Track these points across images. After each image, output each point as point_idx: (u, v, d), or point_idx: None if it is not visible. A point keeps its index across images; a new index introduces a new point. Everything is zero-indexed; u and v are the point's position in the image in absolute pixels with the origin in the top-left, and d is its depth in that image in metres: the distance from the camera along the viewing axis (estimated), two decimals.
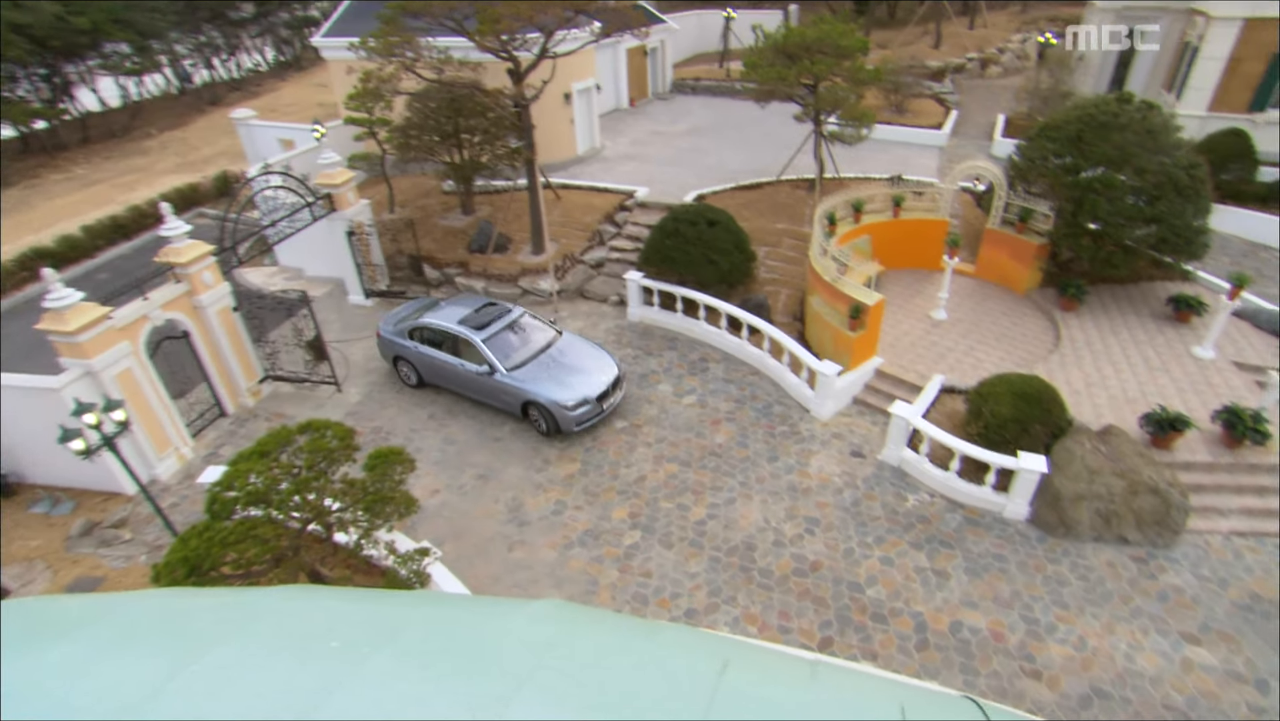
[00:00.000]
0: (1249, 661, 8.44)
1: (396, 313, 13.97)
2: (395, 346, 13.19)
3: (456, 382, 12.71)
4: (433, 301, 14.19)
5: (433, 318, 12.82)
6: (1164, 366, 12.62)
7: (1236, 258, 17.32)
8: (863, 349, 12.40)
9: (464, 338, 12.33)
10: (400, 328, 13.22)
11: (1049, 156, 14.49)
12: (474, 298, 13.69)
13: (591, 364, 12.33)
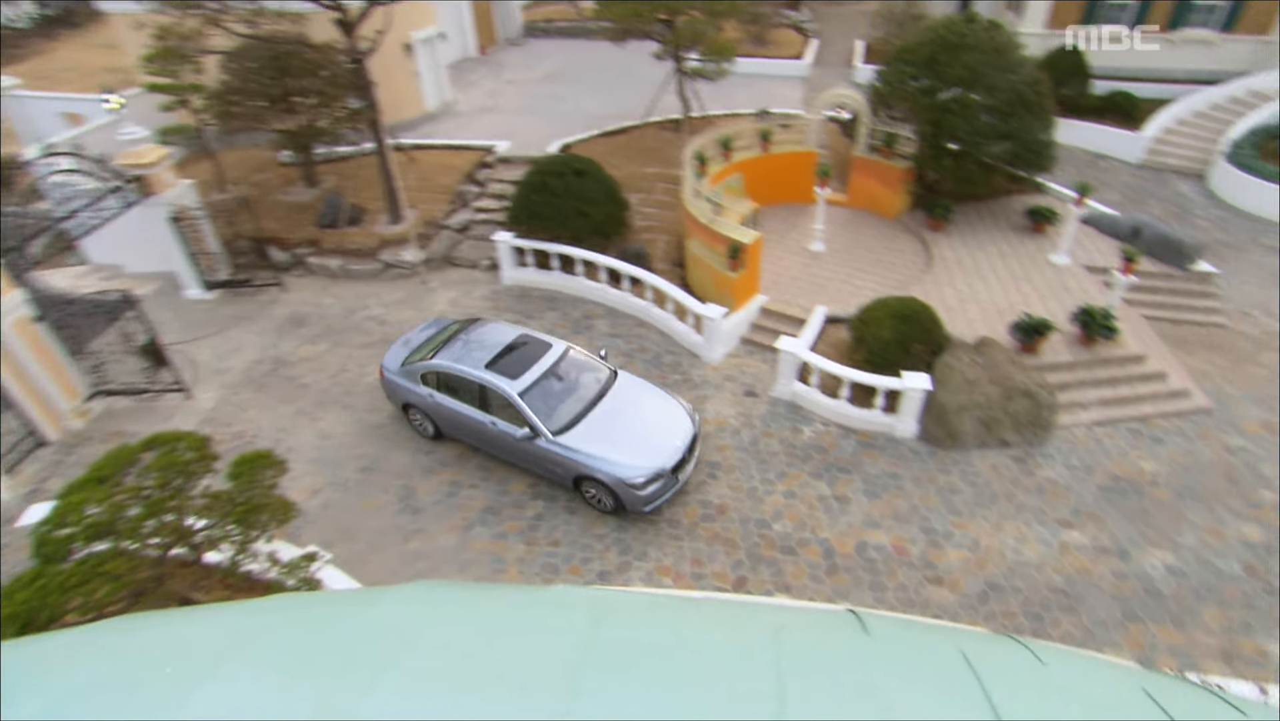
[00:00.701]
0: (1112, 535, 9.55)
1: (407, 340, 11.51)
2: (404, 392, 10.86)
3: (487, 443, 10.48)
4: (448, 327, 11.35)
5: (451, 359, 10.37)
6: (1026, 276, 13.76)
7: (1081, 168, 19.04)
8: (745, 288, 12.72)
9: (496, 390, 9.94)
10: (411, 369, 10.76)
11: (907, 80, 15.20)
12: (501, 326, 11.14)
13: (659, 417, 10.00)
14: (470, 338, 10.82)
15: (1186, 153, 19.47)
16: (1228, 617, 8.56)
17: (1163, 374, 11.84)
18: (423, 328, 11.84)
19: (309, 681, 1.89)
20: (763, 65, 23.57)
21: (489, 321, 11.45)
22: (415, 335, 11.60)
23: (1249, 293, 14.43)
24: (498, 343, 10.59)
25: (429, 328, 11.77)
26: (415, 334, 11.64)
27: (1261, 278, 14.89)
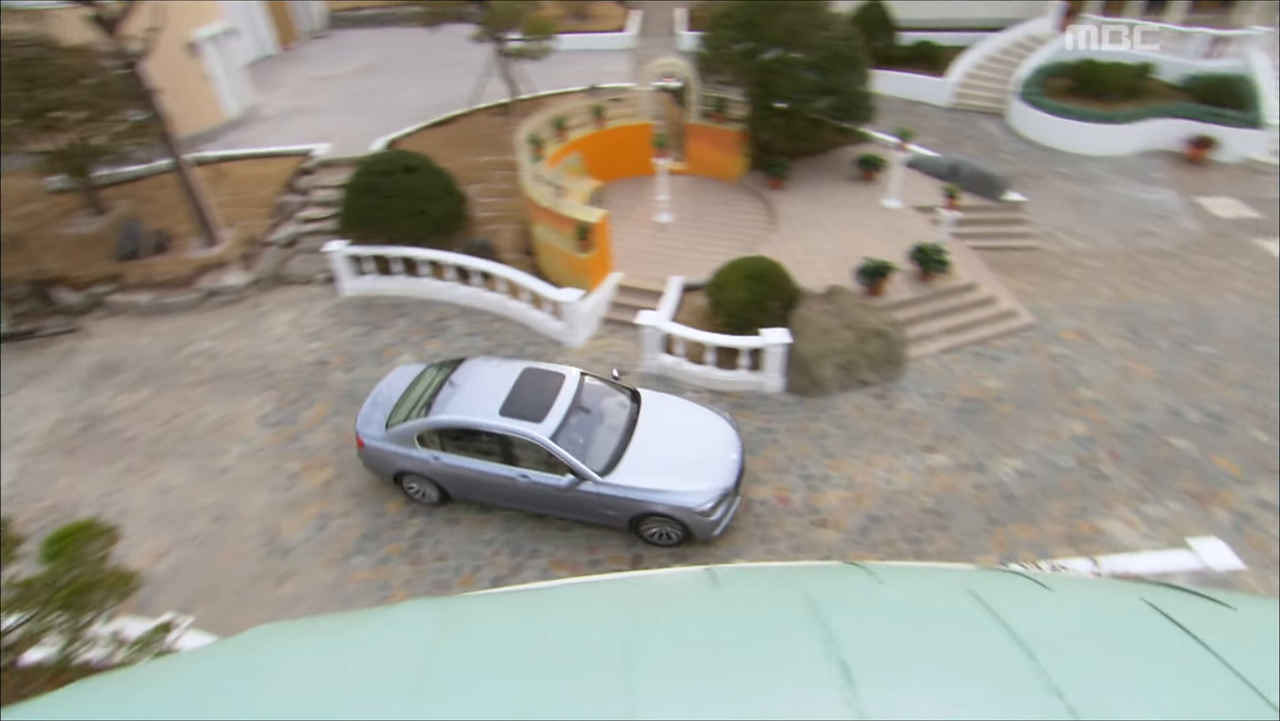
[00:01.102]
0: (970, 452, 10.57)
1: (377, 399, 10.07)
2: (396, 460, 9.45)
3: (516, 500, 9.39)
4: (424, 375, 10.10)
5: (453, 411, 9.10)
6: (863, 222, 14.80)
7: (899, 115, 20.62)
8: (599, 268, 12.85)
9: (521, 438, 8.80)
10: (401, 431, 9.31)
11: (729, 44, 15.80)
12: (494, 364, 10.03)
13: (702, 431, 9.45)
14: (464, 382, 9.58)
15: (986, 94, 21.61)
16: (1068, 506, 9.74)
17: (993, 298, 13.17)
18: (393, 380, 10.39)
19: None
20: (587, 40, 23.70)
21: (476, 359, 10.21)
22: (385, 390, 10.19)
23: (1052, 216, 16.31)
24: (501, 382, 9.40)
25: (400, 379, 10.33)
26: (385, 389, 10.22)
27: (1060, 202, 16.87)
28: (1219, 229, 15.96)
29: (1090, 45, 21.23)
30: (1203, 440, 10.72)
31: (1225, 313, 13.31)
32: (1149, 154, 19.11)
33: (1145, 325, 12.98)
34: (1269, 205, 16.87)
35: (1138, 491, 9.96)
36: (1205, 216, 16.42)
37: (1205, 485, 10.05)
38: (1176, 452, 10.51)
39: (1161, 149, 19.20)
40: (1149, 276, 14.34)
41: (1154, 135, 19.13)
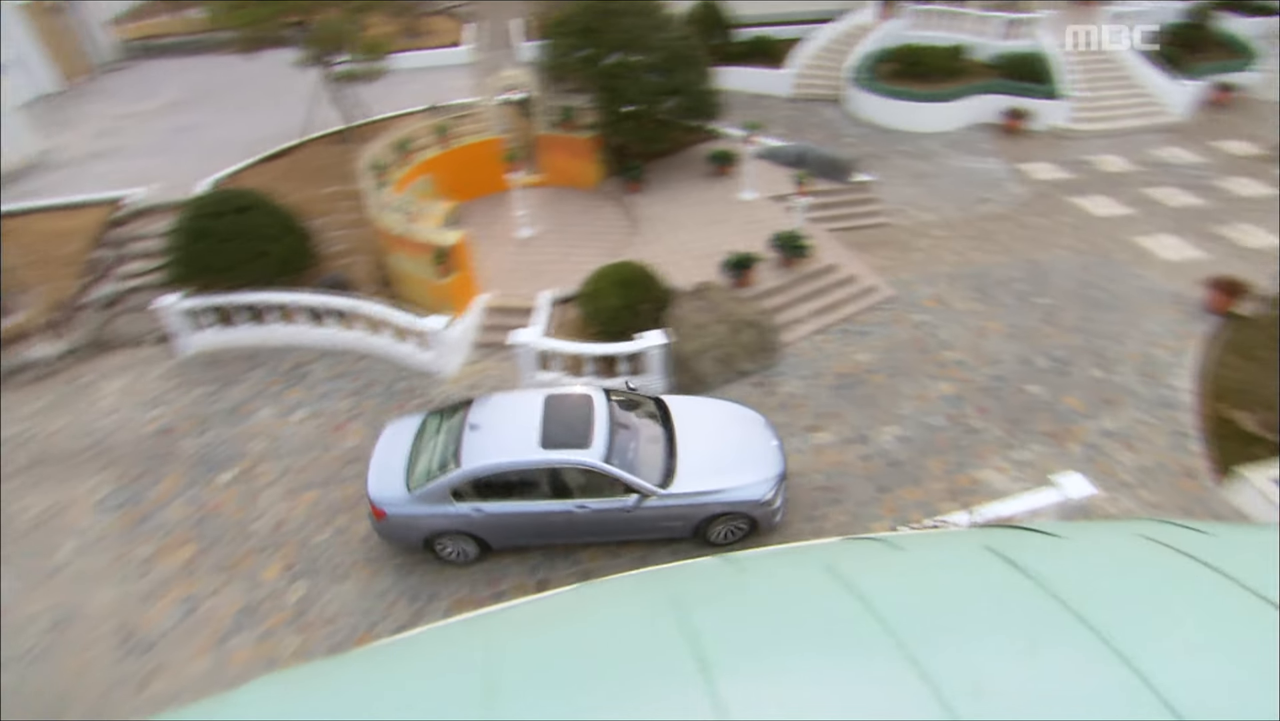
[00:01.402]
0: (852, 426, 11.18)
1: (384, 460, 9.25)
2: (429, 522, 8.79)
3: (572, 534, 9.08)
4: (426, 426, 9.57)
5: (489, 457, 8.61)
6: (724, 217, 15.35)
7: (745, 109, 21.52)
8: (463, 291, 12.63)
9: (573, 467, 8.57)
10: (431, 490, 8.66)
11: (570, 52, 15.98)
12: (508, 397, 9.63)
13: (737, 425, 9.72)
14: (485, 423, 9.04)
15: (824, 82, 23.00)
16: (946, 462, 10.51)
17: (854, 276, 14.00)
18: (390, 439, 9.56)
19: None
20: (423, 58, 23.29)
21: (485, 398, 9.67)
22: (387, 453, 9.35)
23: (898, 191, 17.57)
24: (527, 415, 9.02)
25: (398, 437, 9.55)
26: (386, 451, 9.38)
27: (904, 178, 18.20)
28: (1041, 190, 17.75)
29: (911, 30, 23.08)
30: (1052, 384, 11.87)
31: (1056, 265, 14.80)
32: (974, 127, 20.99)
33: (991, 285, 14.22)
34: (1077, 166, 18.95)
35: (1005, 439, 10.88)
36: (1028, 180, 18.22)
37: (1059, 424, 11.13)
38: (1032, 398, 11.58)
39: (984, 122, 21.14)
40: (989, 239, 15.72)
41: (976, 110, 21.04)
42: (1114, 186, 17.95)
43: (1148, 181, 18.15)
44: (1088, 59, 22.39)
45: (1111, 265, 14.81)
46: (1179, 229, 16.11)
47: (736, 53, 23.43)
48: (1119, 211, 16.86)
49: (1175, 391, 11.72)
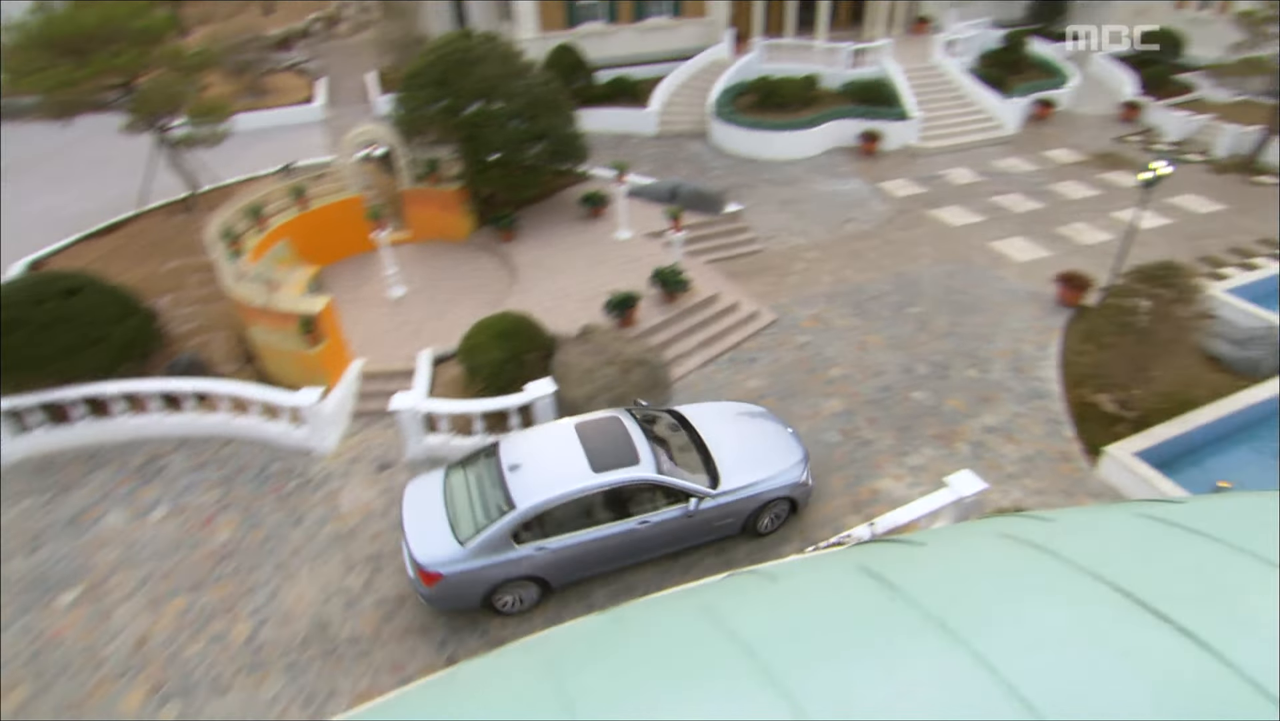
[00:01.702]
0: None
1: (417, 528, 8.75)
2: (491, 573, 8.51)
3: (634, 552, 9.22)
4: (451, 477, 9.36)
5: (545, 490, 8.56)
6: (601, 258, 15.52)
7: (612, 149, 22.06)
8: (335, 359, 12.10)
9: (631, 484, 8.77)
10: (489, 539, 8.40)
11: (427, 104, 15.88)
12: (536, 432, 9.81)
13: (749, 418, 10.57)
14: (524, 461, 9.05)
15: (687, 118, 23.91)
16: (846, 476, 10.85)
17: (736, 305, 14.42)
18: (416, 505, 9.11)
19: None
20: (272, 117, 22.55)
21: (510, 436, 9.78)
22: (419, 517, 8.92)
23: (769, 219, 18.35)
24: (564, 446, 9.20)
25: (425, 496, 9.18)
26: (417, 516, 8.94)
27: (773, 206, 19.04)
28: (901, 206, 19.02)
29: (764, 64, 24.44)
30: (934, 388, 12.57)
31: (923, 275, 15.82)
32: (834, 151, 22.33)
33: (866, 300, 14.99)
34: (930, 180, 20.48)
35: (897, 447, 11.38)
36: (889, 198, 19.49)
37: (946, 426, 11.77)
38: (917, 404, 12.20)
39: (843, 146, 22.55)
40: (859, 257, 16.63)
41: (834, 135, 22.42)
42: (965, 197, 19.49)
43: (994, 190, 19.83)
44: (928, 82, 24.43)
45: (973, 270, 15.98)
46: (1026, 231, 17.64)
47: (599, 95, 24.03)
48: (973, 219, 18.28)
49: (1044, 382, 12.68)
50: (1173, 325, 10.86)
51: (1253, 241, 17.32)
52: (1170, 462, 10.98)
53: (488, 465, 9.25)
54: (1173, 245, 16.88)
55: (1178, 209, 18.83)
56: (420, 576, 8.53)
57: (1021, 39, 27.24)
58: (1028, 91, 24.69)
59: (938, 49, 25.38)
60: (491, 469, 9.15)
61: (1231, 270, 15.93)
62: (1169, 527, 2.80)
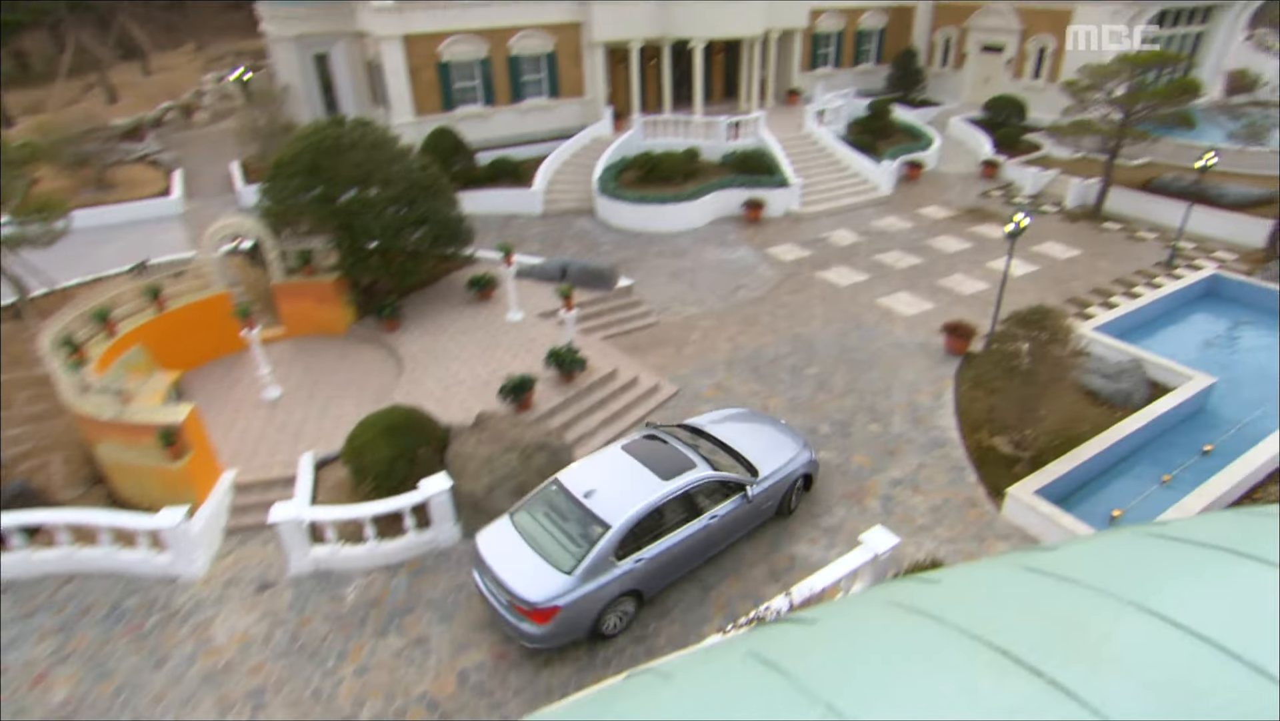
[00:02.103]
0: None
1: (520, 571, 9.00)
2: (601, 595, 9.02)
3: (704, 549, 10.27)
4: (532, 510, 9.86)
5: (629, 504, 9.42)
6: (494, 342, 15.32)
7: (499, 230, 22.19)
8: (202, 472, 11.24)
9: (698, 485, 10.03)
10: (594, 560, 8.96)
11: (298, 193, 15.52)
12: (591, 461, 10.49)
13: (751, 418, 12.35)
14: (595, 486, 9.79)
15: (572, 195, 24.41)
16: (760, 546, 10.82)
17: (635, 379, 14.47)
18: (497, 552, 9.33)
19: None
20: (120, 212, 21.49)
21: (568, 470, 10.34)
22: (510, 564, 9.11)
23: (661, 290, 18.73)
24: (624, 466, 10.19)
25: (506, 544, 9.42)
26: (507, 564, 9.12)
27: (665, 277, 19.49)
28: (789, 270, 19.85)
29: (646, 139, 25.43)
30: (839, 446, 12.88)
31: (817, 336, 16.42)
32: (720, 221, 23.24)
33: (764, 365, 15.37)
34: (815, 244, 21.57)
35: (809, 510, 11.50)
36: (777, 263, 20.33)
37: (854, 483, 12.02)
38: (825, 464, 12.43)
39: (728, 215, 23.52)
40: (753, 323, 17.13)
41: (719, 205, 23.38)
42: (850, 257, 20.57)
43: (876, 249, 21.06)
44: (803, 150, 26.03)
45: (864, 328, 16.73)
46: (910, 286, 18.72)
47: (481, 176, 24.26)
48: (859, 278, 19.27)
49: (943, 431, 13.23)
50: (1052, 365, 11.62)
51: (1109, 282, 19.03)
52: (1068, 497, 11.60)
53: (557, 500, 9.84)
54: (1042, 290, 18.30)
55: (1043, 256, 20.52)
56: (533, 617, 8.76)
57: (885, 107, 29.61)
58: (897, 154, 26.67)
59: (809, 118, 27.17)
60: (563, 501, 9.76)
61: (1096, 309, 17.39)
62: (1042, 577, 2.95)
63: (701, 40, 27.34)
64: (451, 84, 26.16)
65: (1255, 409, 13.80)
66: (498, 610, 9.11)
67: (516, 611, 8.82)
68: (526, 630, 8.83)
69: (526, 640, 8.93)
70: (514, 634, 9.05)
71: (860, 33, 35.38)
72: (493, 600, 9.17)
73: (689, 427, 11.68)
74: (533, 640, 8.91)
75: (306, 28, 26.91)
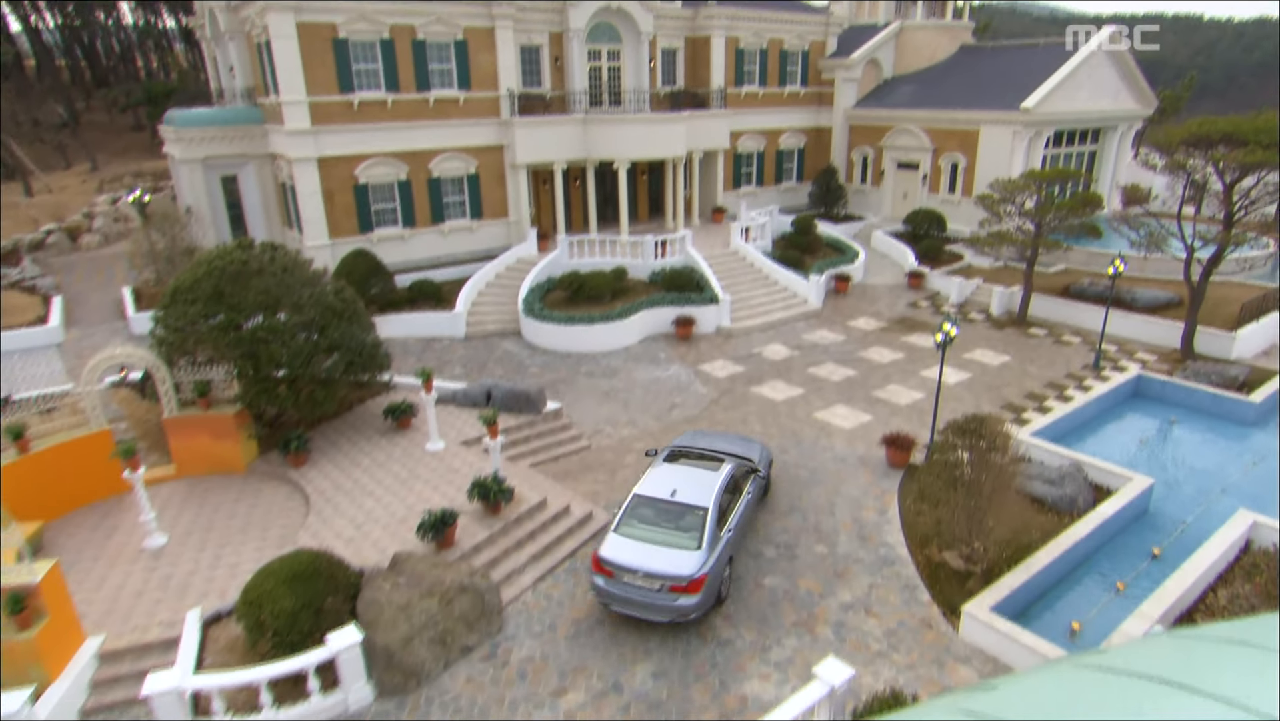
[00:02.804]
0: (601, 675, 10.54)
1: (663, 558, 11.23)
2: (723, 557, 11.76)
3: (750, 521, 13.66)
4: (634, 512, 12.11)
5: (708, 486, 12.37)
6: (413, 474, 14.74)
7: (419, 355, 21.90)
8: (59, 641, 10.08)
9: (742, 466, 13.46)
10: (710, 536, 11.57)
11: (198, 320, 15.04)
12: (656, 472, 13.03)
13: (724, 435, 16.31)
14: (676, 485, 12.36)
15: (497, 317, 24.46)
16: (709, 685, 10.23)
17: (566, 509, 14.01)
18: (628, 552, 11.37)
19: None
20: None
21: (640, 486, 12.60)
22: (647, 557, 11.28)
23: (592, 412, 18.57)
24: (681, 470, 12.99)
25: (632, 546, 11.49)
26: (645, 558, 11.26)
27: (595, 398, 19.39)
28: (724, 387, 20.04)
29: (572, 259, 25.95)
30: (785, 571, 12.57)
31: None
32: (651, 339, 23.52)
33: None
34: (748, 359, 21.96)
35: (758, 642, 11.03)
36: (710, 380, 20.52)
37: (803, 611, 11.66)
38: (771, 591, 12.07)
39: (659, 333, 23.87)
40: None
41: (649, 323, 23.73)
42: (784, 371, 20.94)
43: (810, 362, 21.53)
44: (731, 266, 26.95)
45: (803, 443, 16.80)
46: (846, 399, 19.05)
47: (400, 299, 24.17)
48: (794, 392, 19.55)
49: (891, 548, 13.11)
50: (994, 473, 11.77)
51: (1041, 386, 19.80)
52: (1025, 611, 11.48)
53: (644, 509, 12.11)
54: (977, 397, 18.87)
55: (974, 363, 21.31)
56: (689, 590, 11.00)
57: (810, 222, 31.17)
58: (824, 268, 27.84)
59: (736, 235, 28.32)
60: (652, 507, 12.11)
61: (1031, 414, 17.95)
62: (1103, 674, 2.96)
63: (625, 161, 28.57)
64: (370, 206, 26.43)
65: (1195, 507, 14.23)
66: (644, 601, 11.09)
67: (672, 592, 11.02)
68: (682, 605, 11.00)
69: (682, 614, 11.06)
70: (668, 615, 11.10)
71: (781, 152, 37.65)
72: (637, 595, 11.13)
73: (683, 447, 14.14)
74: (687, 612, 11.03)
75: (215, 149, 27.06)
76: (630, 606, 11.21)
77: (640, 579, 11.10)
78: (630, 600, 11.18)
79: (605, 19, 30.25)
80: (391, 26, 25.29)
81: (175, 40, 59.59)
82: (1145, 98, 35.52)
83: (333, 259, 24.74)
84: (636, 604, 11.14)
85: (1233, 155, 19.56)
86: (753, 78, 35.43)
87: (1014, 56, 35.07)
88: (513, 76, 27.97)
